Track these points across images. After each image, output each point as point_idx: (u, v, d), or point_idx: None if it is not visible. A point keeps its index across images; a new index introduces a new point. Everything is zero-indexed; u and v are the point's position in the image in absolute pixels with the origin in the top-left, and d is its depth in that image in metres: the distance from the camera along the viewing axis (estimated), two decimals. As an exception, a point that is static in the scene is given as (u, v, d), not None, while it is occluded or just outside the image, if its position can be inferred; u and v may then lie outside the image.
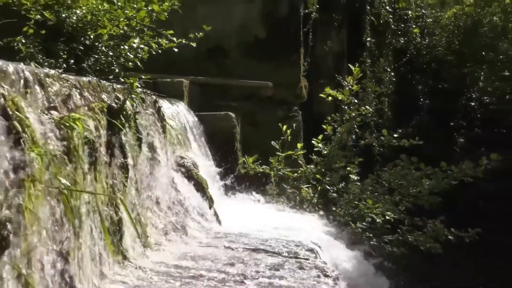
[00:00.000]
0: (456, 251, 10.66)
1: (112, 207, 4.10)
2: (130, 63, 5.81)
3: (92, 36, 5.73)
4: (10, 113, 2.74)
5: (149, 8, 5.99)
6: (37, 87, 3.15)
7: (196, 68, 8.87)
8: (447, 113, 14.62)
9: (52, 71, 3.55)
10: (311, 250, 5.22)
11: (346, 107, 9.77)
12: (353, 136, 9.95)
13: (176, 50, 6.18)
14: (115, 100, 4.41)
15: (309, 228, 6.87)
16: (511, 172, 11.73)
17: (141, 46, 5.90)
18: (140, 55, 5.88)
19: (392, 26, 14.43)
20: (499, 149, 12.27)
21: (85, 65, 5.49)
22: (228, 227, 6.04)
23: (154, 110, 5.61)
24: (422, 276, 10.34)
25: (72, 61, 5.40)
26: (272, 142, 8.54)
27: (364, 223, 9.27)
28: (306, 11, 10.71)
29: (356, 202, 9.53)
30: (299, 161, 9.03)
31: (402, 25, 15.00)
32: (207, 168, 7.04)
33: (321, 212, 8.68)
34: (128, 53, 5.82)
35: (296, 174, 8.88)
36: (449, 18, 16.42)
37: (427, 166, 11.20)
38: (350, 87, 9.73)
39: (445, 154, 12.51)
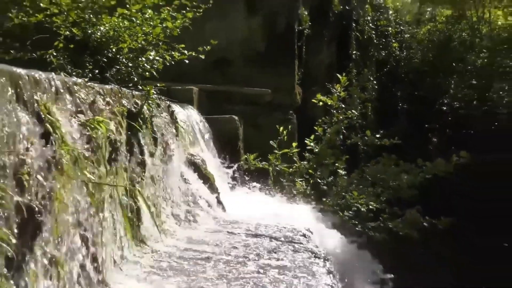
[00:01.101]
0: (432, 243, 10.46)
1: (132, 198, 4.10)
2: (147, 73, 5.81)
3: (114, 50, 5.72)
4: (43, 116, 2.74)
5: (164, 25, 5.99)
6: (66, 94, 3.15)
7: (204, 77, 8.87)
8: (423, 116, 14.59)
9: (79, 80, 3.55)
10: (304, 235, 5.22)
11: (334, 111, 9.80)
12: (341, 136, 9.97)
13: (187, 61, 6.18)
14: (134, 105, 4.41)
15: (302, 216, 6.87)
16: (479, 172, 11.53)
17: (157, 58, 5.90)
18: (155, 66, 5.88)
19: (375, 41, 14.42)
20: (468, 149, 12.26)
21: (108, 74, 5.49)
22: (232, 215, 6.04)
23: (168, 113, 5.61)
24: (402, 259, 10.17)
25: (96, 71, 5.40)
26: (271, 142, 8.55)
27: (350, 212, 9.29)
28: (300, 27, 10.71)
29: (343, 194, 9.55)
30: (294, 158, 9.03)
31: (383, 40, 14.98)
32: (214, 164, 7.05)
33: (313, 202, 8.69)
34: (145, 64, 5.82)
35: (291, 169, 8.88)
36: (424, 34, 16.41)
37: (405, 163, 11.23)
38: (338, 94, 9.76)
39: (421, 152, 12.49)
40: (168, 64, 6.01)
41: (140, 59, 5.85)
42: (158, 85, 5.52)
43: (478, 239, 10.62)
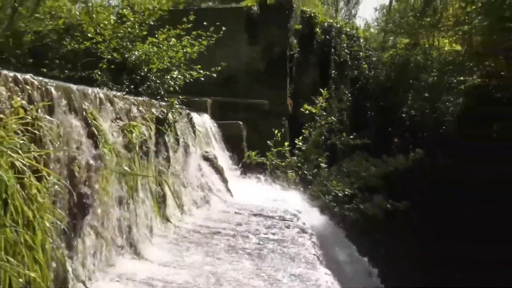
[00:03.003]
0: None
1: (159, 186, 4.09)
2: (171, 88, 5.82)
3: (145, 70, 5.74)
4: (89, 121, 2.73)
5: (184, 50, 6.00)
6: (108, 104, 3.14)
7: (216, 91, 8.83)
8: (387, 122, 14.53)
9: (118, 93, 3.55)
10: (294, 215, 5.20)
11: (318, 118, 9.78)
12: (323, 138, 9.95)
13: (202, 79, 6.18)
14: (161, 113, 4.41)
15: (293, 200, 6.85)
16: (432, 180, 11.16)
17: (179, 76, 5.91)
18: (178, 82, 5.89)
19: (349, 63, 14.38)
20: (421, 148, 12.26)
21: (140, 89, 5.49)
22: (238, 199, 6.03)
23: (187, 119, 5.60)
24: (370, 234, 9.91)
25: (132, 86, 5.41)
26: (268, 142, 8.53)
27: (330, 196, 9.29)
28: (291, 52, 10.69)
29: (325, 182, 9.55)
30: (286, 154, 9.01)
31: (356, 62, 14.94)
32: (224, 159, 7.03)
33: (301, 189, 8.67)
34: (170, 81, 5.83)
35: (284, 163, 8.86)
36: (387, 57, 16.34)
37: (373, 158, 11.23)
38: (321, 104, 9.75)
39: (386, 151, 12.46)
40: (187, 81, 6.02)
41: (165, 77, 5.86)
42: (180, 97, 5.52)
43: (430, 241, 9.83)
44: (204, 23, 6.56)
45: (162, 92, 5.67)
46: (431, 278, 8.73)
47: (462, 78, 13.11)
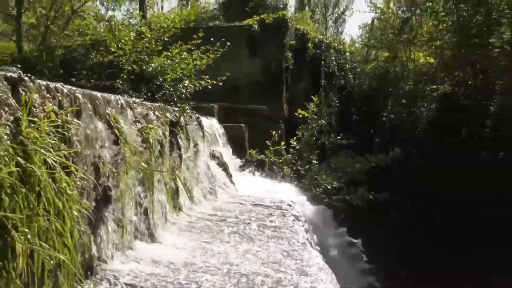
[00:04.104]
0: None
1: (173, 180, 4.08)
2: (183, 95, 5.81)
3: (160, 79, 5.73)
4: (112, 124, 2.72)
5: (194, 63, 5.99)
6: (128, 109, 3.13)
7: (222, 98, 8.83)
8: (370, 125, 14.50)
9: (137, 100, 3.53)
10: (289, 205, 5.19)
11: (310, 121, 9.78)
12: (314, 138, 9.94)
13: (210, 87, 6.17)
14: (174, 116, 4.39)
15: (288, 192, 6.83)
16: (409, 184, 10.98)
17: (190, 85, 5.90)
18: (189, 90, 5.88)
19: (337, 73, 14.36)
20: (400, 147, 12.25)
21: (156, 96, 5.49)
22: (241, 191, 6.02)
23: (197, 122, 5.59)
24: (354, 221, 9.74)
25: (149, 94, 5.39)
26: (267, 141, 8.53)
27: (320, 189, 9.28)
28: (287, 64, 10.70)
29: (316, 177, 9.55)
30: (282, 152, 9.01)
31: (343, 73, 14.91)
32: (228, 157, 7.02)
33: (295, 183, 8.66)
34: (182, 89, 5.82)
35: (280, 160, 8.86)
36: (370, 69, 16.29)
37: (358, 156, 11.22)
38: (312, 109, 9.74)
39: (368, 149, 12.44)
40: (197, 89, 6.01)
41: (178, 86, 5.86)
42: (191, 103, 5.50)
43: (410, 242, 9.47)
44: (211, 39, 6.55)
45: (175, 99, 5.66)
46: (416, 278, 8.52)
47: (434, 86, 13.12)
